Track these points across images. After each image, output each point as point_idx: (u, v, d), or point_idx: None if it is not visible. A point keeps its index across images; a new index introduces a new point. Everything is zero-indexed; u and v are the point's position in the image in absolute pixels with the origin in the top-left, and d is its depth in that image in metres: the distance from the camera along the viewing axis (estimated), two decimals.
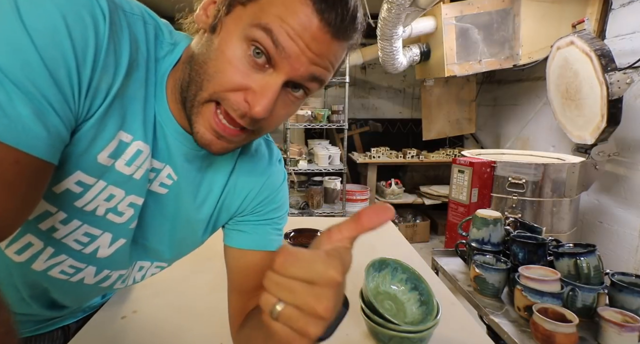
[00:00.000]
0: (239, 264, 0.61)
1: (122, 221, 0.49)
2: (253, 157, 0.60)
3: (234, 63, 0.40)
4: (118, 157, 0.44)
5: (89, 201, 0.45)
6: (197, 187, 0.55)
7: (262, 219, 0.61)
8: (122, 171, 0.45)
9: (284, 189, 0.64)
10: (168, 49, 0.46)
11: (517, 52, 2.69)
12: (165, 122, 0.48)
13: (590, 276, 0.99)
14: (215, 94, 0.42)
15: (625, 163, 2.22)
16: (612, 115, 1.89)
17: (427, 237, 3.63)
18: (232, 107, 0.42)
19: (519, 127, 3.34)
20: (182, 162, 0.51)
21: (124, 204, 0.48)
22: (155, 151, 0.48)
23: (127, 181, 0.46)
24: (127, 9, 0.42)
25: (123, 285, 0.60)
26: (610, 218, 2.34)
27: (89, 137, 0.40)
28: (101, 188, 0.45)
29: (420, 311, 0.74)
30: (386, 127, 4.23)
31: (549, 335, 0.84)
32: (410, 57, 3.00)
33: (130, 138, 0.44)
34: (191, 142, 0.49)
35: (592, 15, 2.41)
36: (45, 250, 0.48)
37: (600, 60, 1.86)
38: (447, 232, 2.35)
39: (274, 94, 0.41)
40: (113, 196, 0.46)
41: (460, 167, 2.21)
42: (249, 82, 0.41)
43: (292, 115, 0.50)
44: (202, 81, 0.42)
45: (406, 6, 2.11)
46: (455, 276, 1.27)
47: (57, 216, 0.45)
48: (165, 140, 0.49)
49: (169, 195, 0.53)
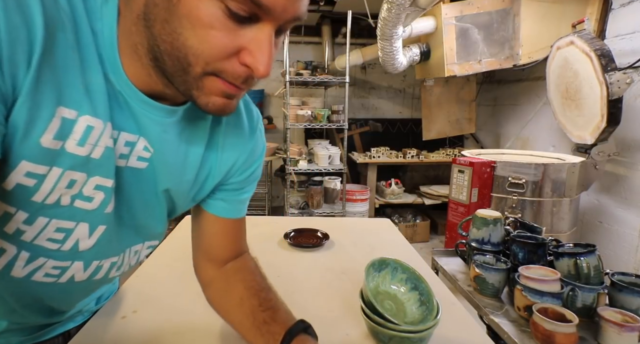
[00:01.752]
0: (212, 230, 0.64)
1: (94, 207, 0.45)
2: (230, 123, 0.57)
3: (216, 25, 0.36)
4: (66, 137, 0.38)
5: (48, 193, 0.40)
6: (178, 157, 0.52)
7: (239, 188, 0.62)
8: (76, 152, 0.40)
9: (263, 158, 0.64)
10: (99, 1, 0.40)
11: (517, 52, 2.69)
12: (125, 90, 0.43)
13: (590, 276, 0.99)
14: (208, 66, 0.38)
15: (625, 163, 2.22)
16: (612, 115, 1.89)
17: (427, 237, 3.63)
18: (233, 77, 0.39)
19: (519, 127, 3.34)
20: (157, 133, 0.47)
21: (89, 188, 0.43)
22: (120, 123, 0.44)
23: (85, 163, 0.41)
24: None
25: (119, 272, 0.57)
26: (610, 218, 2.34)
27: (24, 119, 0.35)
28: (57, 175, 0.40)
29: (420, 311, 0.74)
30: (386, 127, 4.23)
31: (549, 335, 0.84)
32: (410, 57, 3.00)
33: (75, 114, 0.38)
34: (160, 110, 0.46)
35: (592, 15, 2.41)
36: (20, 255, 0.44)
37: (600, 60, 1.86)
38: (447, 232, 2.35)
39: (270, 47, 0.38)
40: (75, 181, 0.41)
41: (460, 167, 2.21)
42: (240, 41, 0.37)
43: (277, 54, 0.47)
44: (187, 57, 0.37)
45: (406, 6, 2.11)
46: (455, 276, 1.27)
47: (18, 217, 0.41)
48: (129, 110, 0.44)
49: (149, 169, 0.49)
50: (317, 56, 4.19)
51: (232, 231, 0.65)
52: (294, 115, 3.14)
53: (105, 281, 0.57)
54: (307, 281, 0.93)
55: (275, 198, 4.38)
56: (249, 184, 0.63)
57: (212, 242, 0.65)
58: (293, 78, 3.06)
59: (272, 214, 4.03)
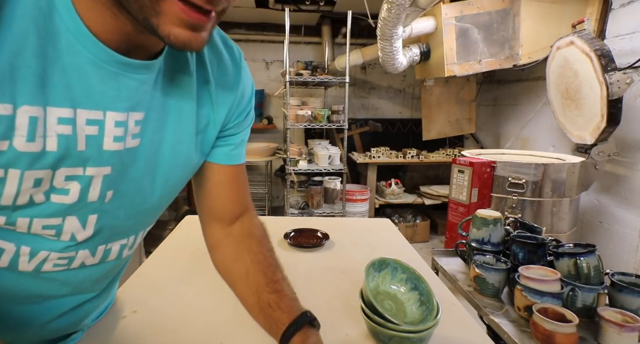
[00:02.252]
0: (214, 180, 0.61)
1: (73, 200, 0.42)
2: (220, 66, 0.54)
3: None
4: (10, 136, 0.35)
5: (16, 194, 0.38)
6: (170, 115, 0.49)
7: (236, 132, 0.61)
8: (28, 149, 0.36)
9: (253, 98, 0.63)
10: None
11: (517, 52, 2.69)
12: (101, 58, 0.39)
13: (590, 276, 0.99)
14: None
15: (625, 163, 2.22)
16: (612, 115, 1.89)
17: (427, 237, 3.63)
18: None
19: (519, 127, 3.34)
20: (141, 95, 0.43)
21: (59, 181, 0.40)
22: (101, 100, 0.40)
23: (42, 157, 0.37)
24: None
25: (131, 251, 0.56)
26: (610, 218, 2.34)
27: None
28: (18, 177, 0.37)
29: (420, 311, 0.74)
30: (386, 127, 4.23)
31: (549, 335, 0.84)
32: (410, 57, 3.00)
33: (10, 107, 0.34)
34: (136, 67, 0.42)
35: (592, 15, 2.41)
36: (20, 250, 0.43)
37: (600, 60, 1.86)
38: (447, 232, 2.35)
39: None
40: (41, 179, 0.38)
41: (460, 167, 2.21)
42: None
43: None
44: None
45: (406, 6, 2.11)
46: (455, 276, 1.27)
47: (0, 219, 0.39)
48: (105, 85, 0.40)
49: (144, 144, 0.46)
50: (317, 56, 4.19)
51: (234, 180, 0.63)
52: (294, 115, 3.14)
53: (120, 261, 0.56)
54: (307, 281, 0.93)
55: (275, 198, 4.38)
56: (244, 127, 0.62)
57: (215, 195, 0.63)
58: (293, 78, 3.06)
59: (272, 214, 4.03)
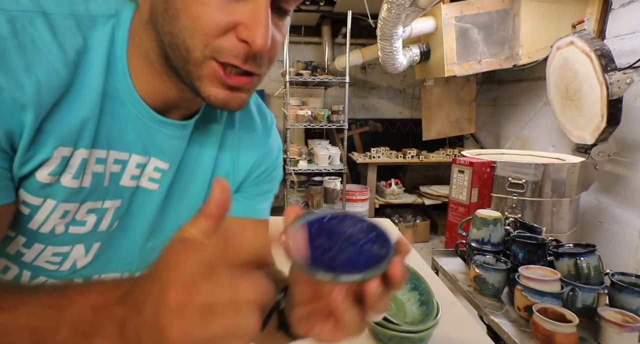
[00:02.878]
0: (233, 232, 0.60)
1: (87, 229, 0.46)
2: (248, 124, 0.56)
3: (208, 2, 0.35)
4: (62, 173, 0.40)
5: (42, 222, 0.42)
6: (189, 162, 0.51)
7: (260, 190, 0.60)
8: (71, 185, 0.41)
9: (280, 158, 0.62)
10: (111, 26, 0.40)
11: (517, 52, 2.69)
12: (137, 109, 0.43)
13: (590, 276, 0.99)
14: (206, 48, 0.37)
15: (625, 163, 2.22)
16: (612, 115, 1.89)
17: (427, 237, 3.63)
18: (232, 54, 0.37)
19: (519, 127, 3.34)
20: (169, 147, 0.47)
21: (81, 214, 0.44)
22: (129, 145, 0.44)
23: (77, 193, 0.42)
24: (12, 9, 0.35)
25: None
26: (610, 218, 2.34)
27: (22, 156, 0.37)
28: (51, 207, 0.41)
29: (420, 311, 0.74)
30: (386, 127, 4.23)
31: (549, 335, 0.84)
32: (410, 57, 3.00)
33: (71, 150, 0.39)
34: (172, 126, 0.46)
35: (592, 15, 2.41)
36: (22, 273, 0.45)
37: (600, 60, 1.86)
38: (447, 233, 2.35)
39: (267, 18, 0.36)
40: (67, 212, 0.43)
41: (460, 167, 2.21)
42: (235, 17, 0.36)
43: (285, 39, 0.44)
44: (184, 41, 0.36)
45: (406, 6, 2.11)
46: (455, 276, 1.27)
47: (18, 240, 0.43)
48: (137, 134, 0.44)
49: (161, 190, 0.49)
50: (317, 56, 4.19)
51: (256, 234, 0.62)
52: (294, 115, 3.14)
53: None
54: None
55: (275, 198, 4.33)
56: (268, 183, 0.61)
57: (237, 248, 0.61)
58: (293, 78, 3.06)
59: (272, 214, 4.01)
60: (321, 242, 0.31)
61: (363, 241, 0.31)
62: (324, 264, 0.29)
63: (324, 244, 0.31)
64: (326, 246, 0.31)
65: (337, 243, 0.31)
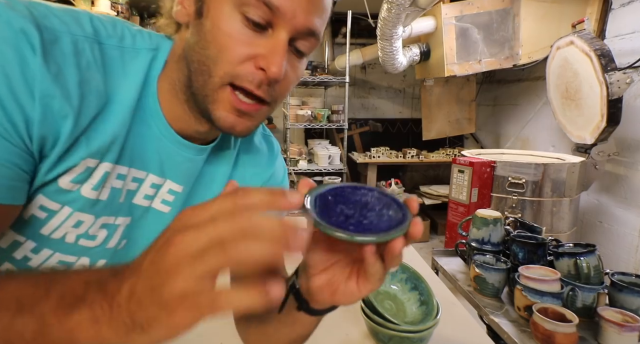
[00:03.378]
0: None
1: (96, 244, 0.47)
2: (256, 152, 0.60)
3: (234, 35, 0.40)
4: (84, 181, 0.42)
5: (56, 228, 0.43)
6: (200, 188, 0.54)
7: None
8: (89, 196, 0.43)
9: (286, 181, 0.65)
10: (150, 57, 0.45)
11: (517, 52, 2.69)
12: (162, 132, 0.47)
13: (590, 276, 0.99)
14: (226, 75, 0.41)
15: (625, 163, 2.22)
16: (612, 115, 1.89)
17: (427, 237, 3.63)
18: (247, 79, 0.41)
19: (519, 127, 3.34)
20: (184, 170, 0.50)
21: (95, 228, 0.46)
22: (148, 165, 0.47)
23: (94, 205, 0.44)
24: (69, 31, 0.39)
25: None
26: (610, 218, 2.34)
27: (51, 163, 0.39)
28: (67, 215, 0.43)
29: (420, 310, 0.74)
30: (386, 127, 4.22)
31: (549, 335, 0.84)
32: (410, 57, 3.00)
33: (97, 162, 0.42)
34: (191, 149, 0.49)
35: (592, 15, 2.41)
36: None
37: (600, 60, 1.86)
38: (447, 232, 2.35)
39: (283, 51, 0.40)
40: (82, 222, 0.44)
41: (460, 167, 2.21)
42: (256, 49, 0.40)
43: (300, 78, 0.48)
44: (209, 67, 0.41)
45: (406, 6, 2.11)
46: (455, 276, 1.27)
47: (27, 245, 0.43)
48: (158, 152, 0.47)
49: (172, 214, 0.51)
50: (317, 56, 4.19)
51: None
52: (294, 115, 3.14)
53: None
54: None
55: None
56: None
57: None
58: None
59: None
60: (341, 209, 0.34)
61: (379, 207, 0.35)
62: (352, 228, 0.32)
63: (345, 211, 0.34)
64: (347, 213, 0.34)
65: (356, 210, 0.35)
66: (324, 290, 0.39)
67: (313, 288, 0.39)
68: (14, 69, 0.34)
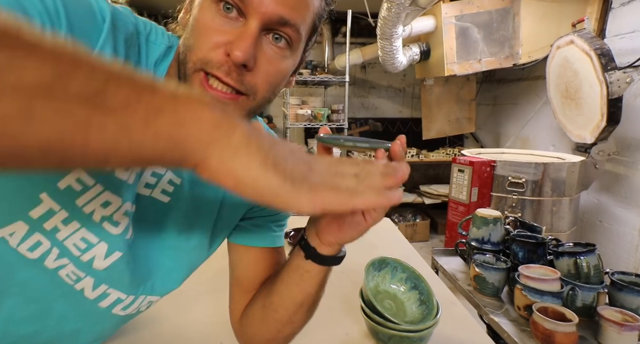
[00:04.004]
0: (244, 260, 0.62)
1: (118, 231, 0.48)
2: None
3: (209, 24, 0.42)
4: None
5: (87, 202, 0.45)
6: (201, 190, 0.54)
7: (269, 219, 0.62)
8: (119, 176, 0.45)
9: None
10: (164, 52, 0.48)
11: (517, 52, 2.69)
12: None
13: (590, 275, 0.99)
14: (198, 61, 0.43)
15: (625, 162, 2.22)
16: (612, 114, 1.89)
17: (427, 236, 3.63)
18: (216, 66, 0.42)
19: (519, 126, 3.34)
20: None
21: (119, 213, 0.47)
22: None
23: (121, 186, 0.46)
24: (123, 16, 0.44)
25: (124, 312, 0.56)
26: (610, 217, 2.34)
27: None
28: (97, 192, 0.45)
29: (420, 310, 0.74)
30: (386, 126, 4.22)
31: (549, 334, 0.84)
32: (410, 56, 3.00)
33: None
34: None
35: (592, 15, 2.40)
36: (52, 250, 0.47)
37: (600, 59, 1.86)
38: (447, 232, 2.35)
39: (250, 37, 0.41)
40: (109, 203, 0.46)
41: (460, 166, 2.21)
42: (227, 36, 0.42)
43: (284, 73, 0.48)
44: (187, 56, 0.43)
45: (406, 5, 2.10)
46: (455, 275, 1.27)
47: (60, 215, 0.45)
48: None
49: (171, 203, 0.52)
50: (317, 55, 4.18)
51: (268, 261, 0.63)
52: (294, 114, 3.13)
53: (109, 317, 0.55)
54: None
55: None
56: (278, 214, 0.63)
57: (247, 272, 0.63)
58: None
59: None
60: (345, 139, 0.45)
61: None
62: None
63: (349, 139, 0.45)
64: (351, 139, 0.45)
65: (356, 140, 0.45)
66: (332, 225, 0.44)
67: (322, 224, 0.44)
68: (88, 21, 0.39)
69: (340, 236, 0.45)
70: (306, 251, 0.48)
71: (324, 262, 0.49)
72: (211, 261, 0.71)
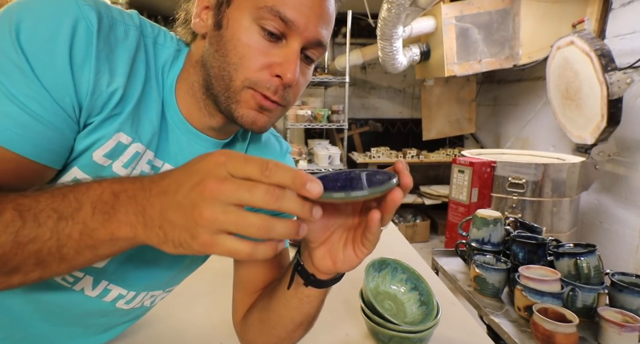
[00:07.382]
0: (247, 263, 0.62)
1: None
2: (265, 148, 0.64)
3: (253, 45, 0.45)
4: (116, 158, 0.45)
5: None
6: None
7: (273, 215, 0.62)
8: (119, 172, 0.46)
9: None
10: (172, 56, 0.51)
11: (517, 52, 2.69)
12: (179, 126, 0.51)
13: (591, 276, 0.99)
14: (246, 80, 0.46)
15: (625, 163, 2.22)
16: (612, 115, 1.89)
17: (427, 237, 3.63)
18: (265, 86, 0.46)
19: (519, 127, 3.34)
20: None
21: None
22: (164, 155, 0.51)
23: None
24: (123, 21, 0.45)
25: (128, 306, 0.56)
26: (610, 218, 2.34)
27: (89, 136, 0.43)
28: None
29: (420, 311, 0.74)
30: (386, 127, 4.23)
31: (549, 335, 0.84)
32: (410, 56, 3.00)
33: (130, 140, 0.46)
34: (205, 141, 0.53)
35: (592, 15, 2.41)
36: None
37: (600, 60, 1.86)
38: (447, 232, 2.35)
39: (296, 59, 0.45)
40: None
41: (460, 167, 2.21)
42: (272, 58, 0.45)
43: (308, 82, 0.53)
44: (229, 72, 0.46)
45: (406, 6, 2.11)
46: (455, 276, 1.27)
47: None
48: (178, 144, 0.52)
49: None
50: None
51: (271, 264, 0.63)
52: (294, 115, 3.13)
53: (113, 311, 0.56)
54: None
55: None
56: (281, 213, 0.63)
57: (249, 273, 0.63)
58: None
59: None
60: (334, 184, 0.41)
61: (367, 176, 0.41)
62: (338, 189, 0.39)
63: (338, 184, 0.41)
64: (340, 184, 0.41)
65: (347, 182, 0.41)
66: (326, 259, 0.46)
67: (316, 259, 0.46)
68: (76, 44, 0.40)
69: (336, 268, 0.46)
70: (305, 278, 0.49)
71: (323, 285, 0.50)
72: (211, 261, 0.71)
